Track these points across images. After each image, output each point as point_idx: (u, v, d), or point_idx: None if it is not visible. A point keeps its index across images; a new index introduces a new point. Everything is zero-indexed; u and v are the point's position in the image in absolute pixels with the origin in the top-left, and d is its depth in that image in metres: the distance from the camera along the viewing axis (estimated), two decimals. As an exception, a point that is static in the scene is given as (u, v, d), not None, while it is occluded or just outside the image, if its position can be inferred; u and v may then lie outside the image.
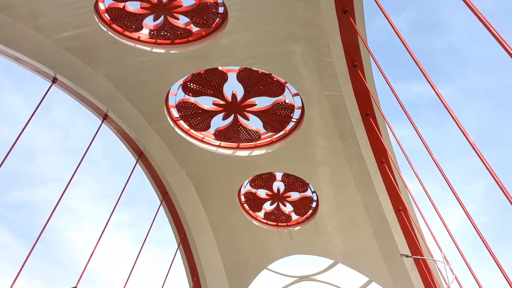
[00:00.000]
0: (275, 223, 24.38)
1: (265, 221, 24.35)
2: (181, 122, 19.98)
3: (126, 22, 15.95)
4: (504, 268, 11.52)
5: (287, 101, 18.75)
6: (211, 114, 19.46)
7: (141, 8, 15.74)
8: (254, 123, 19.79)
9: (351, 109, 18.20)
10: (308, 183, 22.09)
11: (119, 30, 16.24)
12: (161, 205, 23.20)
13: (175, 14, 15.81)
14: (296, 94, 18.29)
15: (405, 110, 13.62)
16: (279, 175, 22.34)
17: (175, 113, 19.62)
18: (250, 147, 20.83)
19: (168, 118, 19.37)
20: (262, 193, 23.37)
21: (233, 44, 16.14)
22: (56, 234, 50.90)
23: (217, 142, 20.83)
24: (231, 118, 19.56)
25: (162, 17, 15.93)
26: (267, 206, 23.91)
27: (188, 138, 20.31)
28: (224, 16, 15.67)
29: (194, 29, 16.37)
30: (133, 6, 15.75)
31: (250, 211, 24.03)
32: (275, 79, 17.76)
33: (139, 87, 17.99)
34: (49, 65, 16.71)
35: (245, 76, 17.70)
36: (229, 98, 18.64)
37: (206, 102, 19.14)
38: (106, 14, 15.77)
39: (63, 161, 50.63)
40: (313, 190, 22.34)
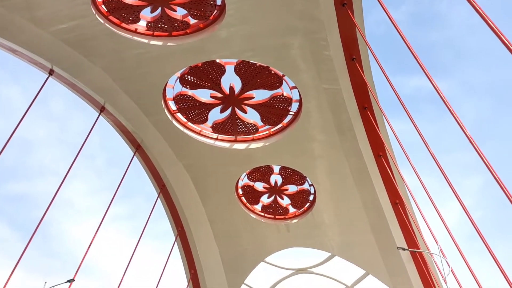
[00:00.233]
0: (273, 216, 24.44)
1: (263, 214, 24.41)
2: (179, 115, 19.94)
3: (123, 14, 15.84)
4: (500, 262, 11.59)
5: (285, 94, 18.71)
6: (209, 107, 19.41)
7: (138, 0, 15.63)
8: (252, 116, 19.79)
9: (349, 103, 18.18)
10: (306, 176, 22.12)
11: (116, 22, 16.13)
12: (159, 198, 23.21)
13: (173, 6, 15.71)
14: (294, 87, 18.25)
15: (403, 104, 13.61)
16: (277, 168, 22.36)
17: (173, 106, 19.56)
18: (248, 140, 20.81)
19: (166, 111, 19.32)
20: (260, 186, 23.39)
21: (231, 37, 16.06)
22: (54, 227, 50.98)
23: (215, 135, 20.80)
24: (229, 111, 19.52)
25: (160, 9, 15.82)
26: (265, 199, 23.95)
27: (186, 131, 20.27)
28: (222, 8, 15.58)
29: (192, 21, 16.27)
30: (130, -2, 15.66)
31: (248, 204, 24.07)
32: (273, 72, 17.70)
33: (137, 80, 17.91)
34: (46, 57, 16.62)
35: (243, 69, 17.64)
36: (227, 91, 18.59)
37: (204, 95, 19.12)
38: (103, 6, 15.65)
39: (60, 154, 50.60)
40: (311, 183, 22.38)
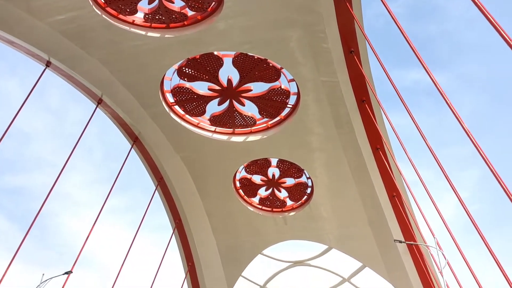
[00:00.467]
0: (270, 209, 24.49)
1: (260, 207, 24.45)
2: (176, 107, 19.90)
3: (121, 5, 15.73)
4: (496, 254, 11.66)
5: (283, 87, 18.67)
6: (207, 100, 19.37)
7: (136, -9, 15.54)
8: (250, 109, 19.77)
9: (347, 96, 18.17)
10: (303, 169, 22.14)
11: (114, 14, 16.02)
12: (156, 190, 23.22)
13: (170, -2, 15.63)
14: (292, 80, 18.20)
15: (401, 97, 13.62)
16: (274, 161, 22.37)
17: (170, 98, 19.51)
18: (246, 133, 20.79)
19: (163, 103, 19.26)
20: (257, 179, 23.42)
21: (229, 29, 15.99)
22: (51, 219, 51.02)
23: (213, 128, 20.78)
24: (227, 104, 19.48)
25: (157, 0, 15.72)
26: (262, 192, 23.99)
27: (183, 123, 20.24)
28: (220, 0, 15.48)
29: (190, 13, 16.17)
30: (128, -11, 15.54)
31: (245, 197, 24.10)
32: (271, 65, 17.65)
33: (134, 72, 17.84)
34: (43, 49, 16.51)
35: (241, 61, 17.58)
36: (225, 84, 18.54)
37: (202, 87, 19.08)
38: (100, -3, 15.57)
39: (58, 146, 50.52)
40: (308, 176, 22.41)
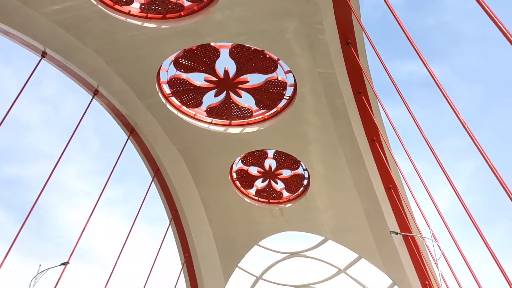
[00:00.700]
0: (267, 200, 24.55)
1: (257, 198, 24.49)
2: (173, 99, 19.83)
3: (117, -4, 15.65)
4: (491, 246, 11.73)
5: (280, 78, 18.63)
6: (203, 91, 19.31)
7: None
8: (246, 100, 19.74)
9: (344, 87, 18.15)
10: (300, 161, 22.17)
11: (109, 4, 15.91)
12: (153, 182, 23.22)
13: (167, -12, 15.53)
14: (289, 72, 18.16)
15: (397, 89, 13.62)
16: (271, 153, 22.38)
17: (167, 89, 19.45)
18: (242, 124, 20.78)
19: (160, 94, 19.20)
20: (254, 170, 23.43)
21: (226, 20, 15.91)
22: (48, 210, 50.92)
23: (209, 119, 20.74)
24: (223, 95, 19.43)
25: (153, -9, 15.64)
26: (259, 183, 24.02)
27: (180, 115, 20.19)
28: (217, -9, 15.41)
29: (186, 4, 16.08)
30: (124, -21, 15.44)
31: (242, 188, 24.13)
32: (268, 56, 17.60)
33: (130, 62, 17.75)
34: (38, 39, 16.40)
35: (238, 53, 17.51)
36: (221, 75, 18.48)
37: (198, 79, 19.00)
38: (96, -13, 15.45)
39: (54, 137, 50.31)
40: (305, 168, 22.45)
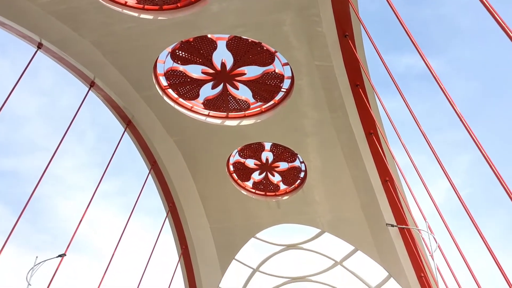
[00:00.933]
0: (264, 193, 24.59)
1: (254, 191, 24.53)
2: (170, 91, 19.77)
3: (113, -13, 15.53)
4: (486, 238, 11.81)
5: (277, 71, 18.59)
6: (200, 83, 19.26)
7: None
8: (244, 93, 19.68)
9: (341, 80, 18.13)
10: (297, 153, 22.19)
11: (106, -5, 15.81)
12: (150, 174, 23.20)
13: (163, -21, 15.42)
14: (286, 64, 18.11)
15: (395, 81, 13.61)
16: (268, 145, 22.38)
17: (164, 81, 19.37)
18: (239, 117, 20.75)
19: (157, 86, 19.13)
20: (251, 163, 23.45)
21: (223, 11, 15.82)
22: (44, 203, 50.94)
23: (206, 111, 20.70)
24: (220, 87, 19.39)
25: (150, -18, 15.55)
26: (256, 176, 24.05)
27: (177, 107, 20.14)
28: (214, -18, 15.31)
29: (183, -5, 16.01)
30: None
31: (239, 181, 24.15)
32: (265, 48, 17.54)
33: (127, 54, 17.66)
34: (34, 30, 16.29)
35: (235, 45, 17.45)
36: (218, 67, 18.42)
37: (195, 71, 18.93)
38: (92, -22, 15.32)
39: (50, 129, 50.19)
40: (302, 160, 22.47)
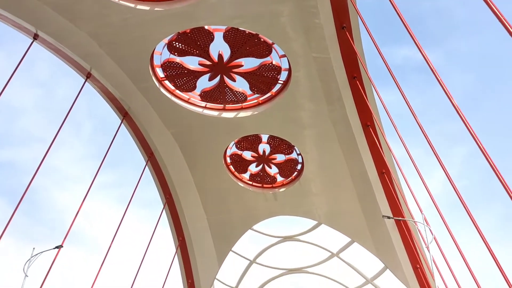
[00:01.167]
0: (260, 185, 24.64)
1: (251, 183, 24.57)
2: (167, 82, 19.71)
3: (109, -23, 15.41)
4: (482, 230, 11.88)
5: (274, 63, 18.54)
6: (197, 75, 19.19)
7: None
8: (241, 85, 19.63)
9: (338, 72, 18.10)
10: (294, 146, 22.20)
11: (102, -15, 15.69)
12: (147, 166, 23.19)
13: (160, -30, 15.31)
14: (283, 56, 18.07)
15: (392, 73, 13.60)
16: (265, 137, 22.39)
17: (161, 73, 19.30)
18: (236, 109, 20.73)
19: (153, 78, 19.06)
20: (248, 155, 23.46)
21: (220, 2, 15.73)
22: (41, 194, 50.89)
23: (203, 103, 20.67)
24: (217, 79, 19.33)
25: (147, -27, 15.43)
26: (253, 168, 24.08)
27: (174, 99, 20.09)
28: (211, -27, 15.21)
29: (180, -14, 15.90)
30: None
31: (236, 173, 24.18)
32: (262, 40, 17.47)
33: (123, 45, 17.56)
34: (30, 21, 16.15)
35: (232, 36, 17.37)
36: (215, 59, 18.35)
37: (192, 62, 18.85)
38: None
39: (47, 121, 49.98)
40: (298, 153, 22.50)
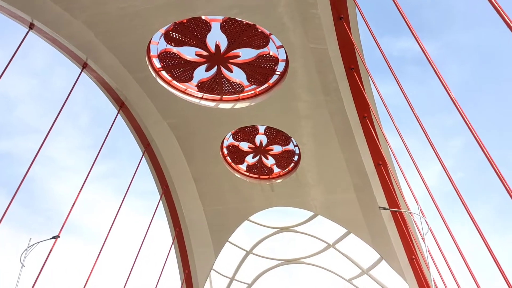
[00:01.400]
0: (257, 176, 24.67)
1: (247, 174, 24.61)
2: (163, 73, 19.63)
3: (105, -34, 15.27)
4: (477, 221, 11.95)
5: (271, 54, 18.47)
6: (194, 65, 19.12)
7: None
8: (238, 76, 19.57)
9: (335, 63, 18.06)
10: (291, 137, 22.21)
11: (98, -26, 15.55)
12: (143, 157, 23.17)
13: (157, -41, 15.16)
14: (281, 47, 18.00)
15: (389, 65, 13.59)
16: (262, 128, 22.38)
17: (157, 63, 19.21)
18: (233, 100, 20.68)
19: (150, 68, 18.97)
20: (245, 146, 23.47)
21: (217, -8, 15.64)
22: (38, 184, 50.86)
23: (200, 94, 20.61)
24: (214, 70, 19.26)
25: (143, -38, 15.28)
26: (250, 159, 24.10)
27: (171, 89, 20.02)
28: (208, -38, 15.09)
29: (177, -25, 15.76)
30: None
31: (233, 164, 24.20)
32: (260, 31, 17.39)
33: (120, 35, 17.42)
34: (26, 10, 15.99)
35: (229, 27, 17.28)
36: (213, 49, 18.27)
37: (189, 53, 18.78)
38: (84, -43, 15.05)
39: (43, 111, 49.85)
40: (295, 144, 22.51)
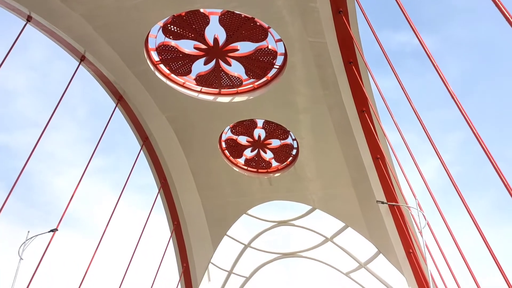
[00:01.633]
0: (255, 170, 24.69)
1: (246, 168, 24.62)
2: (162, 66, 19.57)
3: (103, -42, 15.18)
4: (474, 215, 12.01)
5: (270, 47, 18.42)
6: (192, 59, 19.06)
7: None
8: (236, 69, 19.54)
9: (334, 57, 18.03)
10: (289, 131, 22.21)
11: (96, -33, 15.47)
12: (142, 150, 23.14)
13: (155, -49, 15.08)
14: (279, 40, 17.95)
15: (388, 59, 13.59)
16: (260, 122, 22.37)
17: (155, 57, 19.15)
18: (232, 93, 20.64)
19: (148, 62, 18.91)
20: (243, 140, 23.47)
21: (216, -15, 15.57)
22: (36, 178, 50.84)
23: (198, 88, 20.57)
24: (213, 63, 19.21)
25: (141, -46, 15.20)
26: (248, 153, 24.11)
27: (169, 83, 19.97)
28: (206, -45, 15.01)
29: (175, -32, 15.69)
30: None
31: (231, 157, 24.20)
32: (258, 24, 17.34)
33: (118, 28, 17.36)
34: (23, 3, 15.91)
35: (228, 20, 17.22)
36: (211, 42, 18.21)
37: (187, 46, 18.71)
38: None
39: (41, 104, 49.73)
40: (294, 138, 22.51)
